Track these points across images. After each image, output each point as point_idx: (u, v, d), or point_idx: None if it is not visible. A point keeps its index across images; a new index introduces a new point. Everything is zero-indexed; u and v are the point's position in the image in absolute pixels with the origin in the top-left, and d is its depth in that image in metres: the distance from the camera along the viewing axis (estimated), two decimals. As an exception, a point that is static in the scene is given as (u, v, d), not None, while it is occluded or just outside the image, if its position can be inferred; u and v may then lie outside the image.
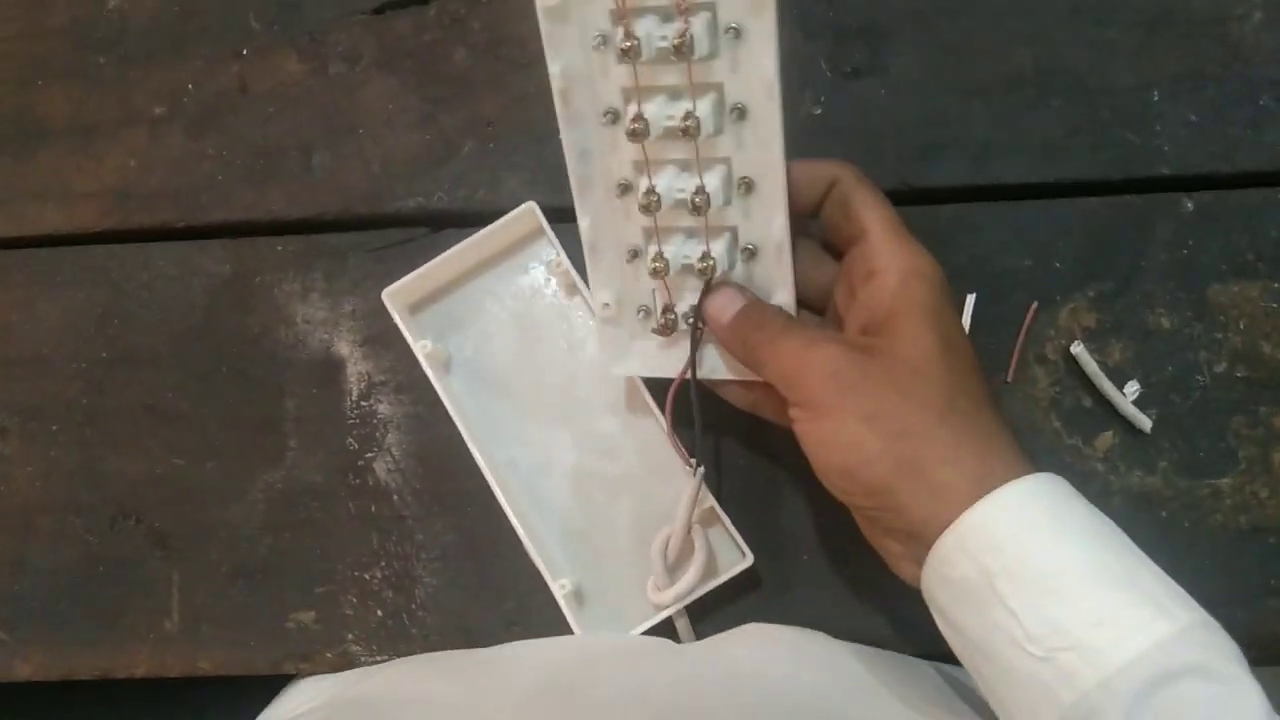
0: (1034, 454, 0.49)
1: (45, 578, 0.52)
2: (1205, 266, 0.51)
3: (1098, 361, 0.50)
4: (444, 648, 0.50)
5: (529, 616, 0.50)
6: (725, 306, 0.42)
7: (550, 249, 0.51)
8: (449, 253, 0.50)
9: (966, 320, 0.51)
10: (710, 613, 0.49)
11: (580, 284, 0.50)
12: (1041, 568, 0.34)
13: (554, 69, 0.40)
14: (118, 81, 0.56)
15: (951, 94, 0.52)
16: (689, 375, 0.44)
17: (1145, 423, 0.49)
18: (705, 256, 0.42)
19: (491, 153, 0.53)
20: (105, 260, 0.54)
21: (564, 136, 0.41)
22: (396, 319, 0.50)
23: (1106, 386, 0.50)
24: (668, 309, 0.44)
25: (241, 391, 0.53)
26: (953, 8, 0.53)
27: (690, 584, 0.46)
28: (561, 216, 0.51)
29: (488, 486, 0.49)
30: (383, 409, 0.52)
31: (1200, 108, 0.51)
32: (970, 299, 0.51)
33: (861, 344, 0.39)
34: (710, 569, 0.47)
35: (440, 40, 0.54)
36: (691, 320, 0.44)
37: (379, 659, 0.50)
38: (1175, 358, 0.50)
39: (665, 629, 0.48)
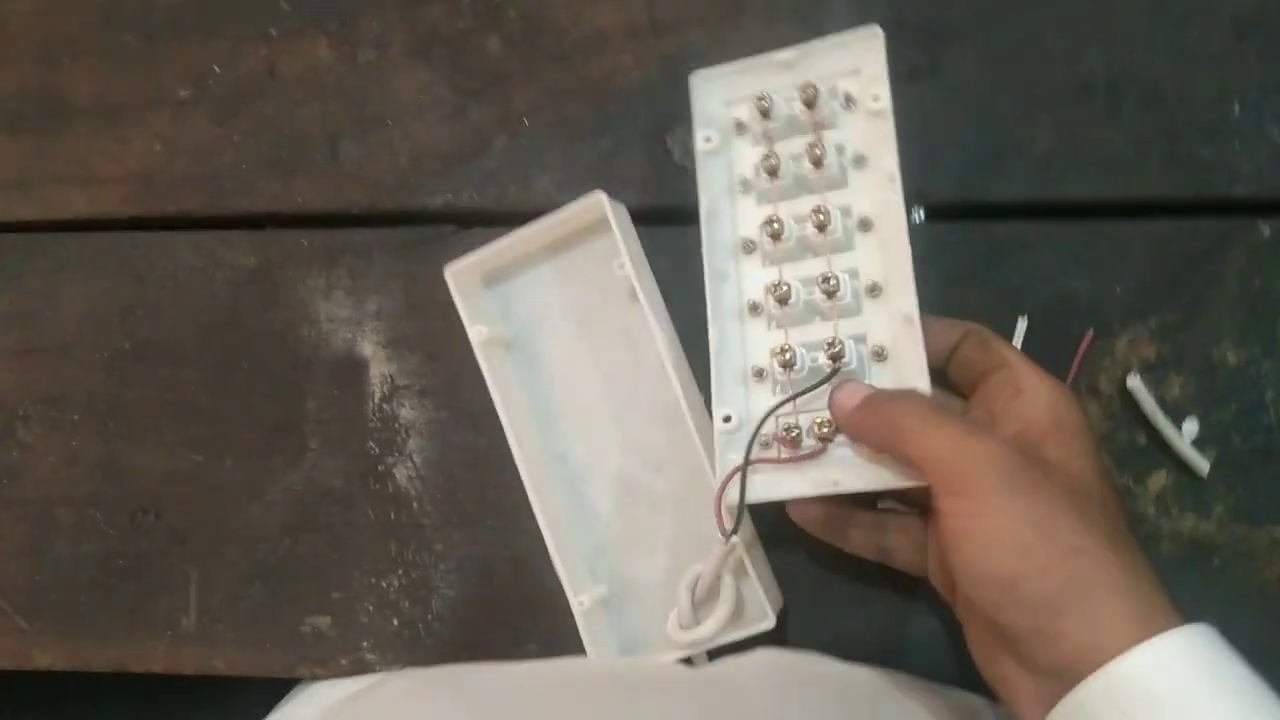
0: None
1: (65, 569, 0.52)
2: (1278, 298, 0.47)
3: (1155, 396, 0.47)
4: (458, 660, 0.49)
5: (544, 633, 0.49)
6: (856, 391, 0.40)
7: (614, 247, 0.47)
8: (513, 236, 0.48)
9: (1017, 345, 0.48)
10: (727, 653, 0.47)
11: (640, 293, 0.46)
12: None
13: (703, 200, 0.45)
14: (144, 61, 0.54)
15: (1014, 101, 0.49)
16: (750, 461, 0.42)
17: (1202, 464, 0.47)
18: (834, 344, 0.41)
19: (524, 150, 0.51)
20: (129, 249, 0.53)
21: (705, 260, 0.45)
22: (456, 299, 0.48)
23: (1163, 423, 0.47)
24: (792, 427, 0.42)
25: (263, 389, 0.52)
26: (1020, 5, 0.49)
27: (710, 632, 0.44)
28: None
29: (510, 498, 0.48)
30: (405, 413, 0.51)
31: (1285, 124, 0.48)
32: (1022, 323, 0.48)
33: (1026, 448, 0.36)
34: (735, 619, 0.45)
35: (474, 28, 0.52)
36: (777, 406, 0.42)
37: (393, 668, 0.50)
38: (1240, 396, 0.47)
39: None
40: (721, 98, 0.46)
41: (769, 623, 0.45)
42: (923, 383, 0.40)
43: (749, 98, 0.45)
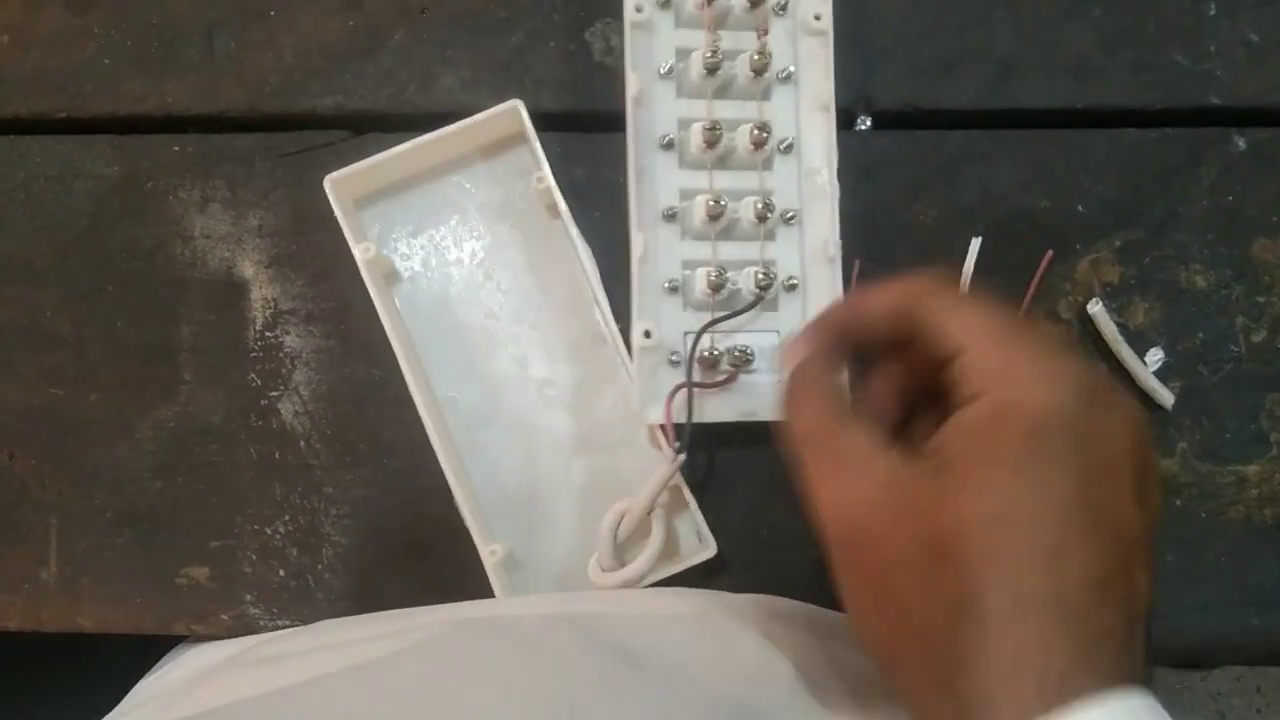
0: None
1: (-94, 516, 0.46)
2: (1252, 217, 0.43)
3: (1118, 324, 0.43)
4: (353, 613, 0.44)
5: (448, 583, 0.44)
6: (794, 338, 0.35)
7: (530, 160, 0.44)
8: (412, 144, 0.43)
9: (969, 267, 0.44)
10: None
11: (563, 206, 0.42)
12: None
13: (631, 83, 0.41)
14: (-11, -60, 0.47)
15: (971, -3, 0.44)
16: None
17: (1167, 397, 0.43)
18: (767, 271, 0.41)
19: (424, 45, 0.45)
20: (-27, 154, 0.47)
21: (630, 154, 0.41)
22: (338, 213, 0.42)
23: (1126, 353, 0.43)
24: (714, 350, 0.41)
25: (131, 315, 0.46)
26: (979, -110, 0.44)
27: (639, 571, 0.40)
28: (503, 125, 0.43)
29: (408, 435, 0.43)
30: (290, 341, 0.45)
31: (1264, 26, 0.44)
32: (975, 243, 0.44)
33: (931, 464, 0.29)
34: (666, 555, 0.41)
35: (367, -95, 0.46)
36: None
37: (280, 623, 0.45)
38: (1208, 323, 0.43)
39: (600, 610, 0.42)
40: None
41: (709, 551, 0.41)
42: None
43: None
